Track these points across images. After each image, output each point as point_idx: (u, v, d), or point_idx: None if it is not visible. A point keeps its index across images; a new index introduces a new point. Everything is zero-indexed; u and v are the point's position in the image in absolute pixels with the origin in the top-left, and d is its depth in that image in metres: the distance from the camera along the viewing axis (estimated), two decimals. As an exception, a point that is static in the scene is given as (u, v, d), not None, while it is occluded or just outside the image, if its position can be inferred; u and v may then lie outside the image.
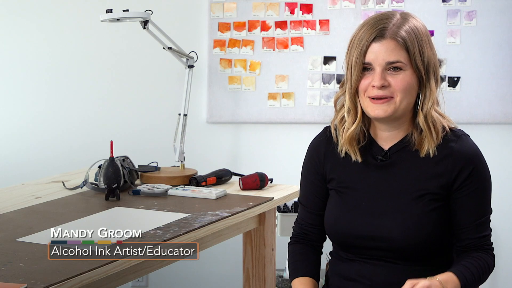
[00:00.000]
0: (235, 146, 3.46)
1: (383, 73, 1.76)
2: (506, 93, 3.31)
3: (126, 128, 3.43)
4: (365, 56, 1.76)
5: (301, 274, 1.90)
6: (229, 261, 3.44)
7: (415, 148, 1.81)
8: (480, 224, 1.80)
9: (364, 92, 1.79)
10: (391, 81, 1.76)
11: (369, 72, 1.78)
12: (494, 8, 3.28)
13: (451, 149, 1.79)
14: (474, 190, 1.78)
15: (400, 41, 1.75)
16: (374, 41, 1.76)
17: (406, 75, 1.76)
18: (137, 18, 2.71)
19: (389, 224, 1.79)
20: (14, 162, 3.46)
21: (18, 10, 3.42)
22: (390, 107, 1.77)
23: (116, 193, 2.46)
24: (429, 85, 1.79)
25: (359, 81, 1.78)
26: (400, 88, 1.76)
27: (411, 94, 1.78)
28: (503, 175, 3.37)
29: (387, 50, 1.75)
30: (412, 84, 1.77)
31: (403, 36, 1.75)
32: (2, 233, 2.04)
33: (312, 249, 1.94)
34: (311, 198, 1.93)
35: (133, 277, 1.99)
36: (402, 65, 1.76)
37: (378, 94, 1.76)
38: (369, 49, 1.76)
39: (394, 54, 1.75)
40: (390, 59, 1.75)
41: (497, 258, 1.86)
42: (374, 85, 1.76)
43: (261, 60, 3.38)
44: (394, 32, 1.75)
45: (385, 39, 1.75)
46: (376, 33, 1.76)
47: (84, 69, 3.43)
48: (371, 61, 1.76)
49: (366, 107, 1.80)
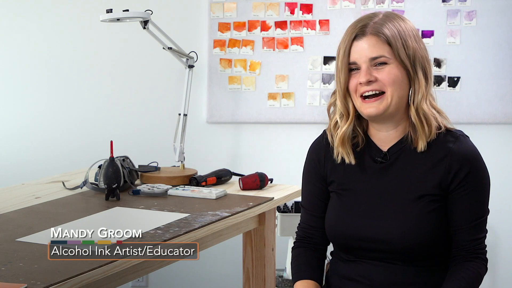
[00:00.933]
0: (235, 146, 3.46)
1: (368, 69, 1.77)
2: (506, 93, 3.31)
3: (126, 128, 3.43)
4: (350, 56, 1.78)
5: (304, 277, 1.89)
6: (229, 261, 3.44)
7: (413, 147, 1.81)
8: (476, 226, 1.80)
9: (355, 92, 1.79)
10: (378, 75, 1.77)
11: (356, 72, 1.79)
12: (494, 8, 3.28)
13: (449, 150, 1.79)
14: (471, 191, 1.78)
15: (382, 36, 1.76)
16: (355, 40, 1.78)
17: (391, 68, 1.77)
18: (137, 18, 2.71)
19: (388, 226, 1.79)
20: (14, 162, 3.46)
21: (18, 10, 3.42)
22: (382, 104, 1.77)
23: (116, 193, 2.46)
24: (417, 78, 1.79)
25: (348, 81, 1.79)
26: (387, 81, 1.76)
27: (401, 88, 1.78)
28: (503, 175, 3.37)
29: (369, 46, 1.76)
30: (400, 77, 1.77)
31: (384, 31, 1.76)
32: (2, 233, 2.03)
33: (316, 253, 1.94)
34: (313, 201, 1.93)
35: (133, 277, 1.99)
36: (386, 59, 1.76)
37: (367, 89, 1.77)
38: (352, 48, 1.78)
39: (377, 49, 1.76)
40: (372, 55, 1.76)
41: (497, 258, 1.87)
42: (361, 82, 1.77)
43: (261, 60, 3.38)
44: (374, 28, 1.77)
45: (365, 36, 1.77)
46: (356, 31, 1.78)
47: (84, 69, 3.43)
48: (356, 60, 1.78)
49: (359, 107, 1.80)
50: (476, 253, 1.80)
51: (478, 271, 1.79)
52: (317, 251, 1.94)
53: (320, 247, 1.95)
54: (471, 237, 1.80)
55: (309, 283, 1.88)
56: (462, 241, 1.80)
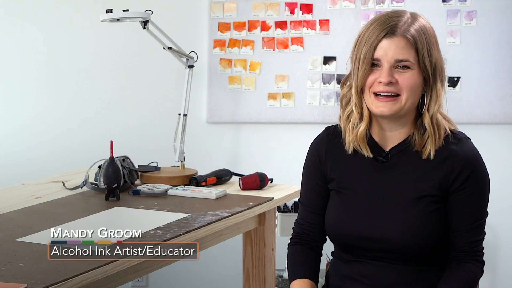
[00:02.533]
0: (235, 146, 3.46)
1: (390, 70, 1.76)
2: (506, 93, 3.31)
3: (126, 128, 3.44)
4: (374, 52, 1.76)
5: (300, 276, 1.89)
6: (229, 261, 3.44)
7: (415, 149, 1.81)
8: (474, 228, 1.80)
9: (369, 88, 1.78)
10: (398, 78, 1.76)
11: (376, 68, 1.77)
12: (494, 8, 3.28)
13: (451, 152, 1.79)
14: (471, 193, 1.78)
15: (411, 40, 1.75)
16: (384, 38, 1.76)
17: (413, 74, 1.76)
18: (137, 18, 2.71)
19: (388, 225, 1.79)
20: (14, 162, 3.46)
21: (18, 10, 3.42)
22: (396, 105, 1.77)
23: (116, 193, 2.46)
24: (435, 87, 1.79)
25: (367, 76, 1.78)
26: (407, 86, 1.76)
27: (416, 94, 1.78)
28: (503, 175, 3.37)
29: (397, 47, 1.75)
30: (418, 84, 1.77)
31: (414, 34, 1.75)
32: (2, 233, 2.03)
33: (312, 251, 1.94)
34: (312, 197, 1.93)
35: (133, 277, 1.99)
36: (410, 64, 1.76)
37: (385, 90, 1.76)
38: (379, 45, 1.76)
39: (404, 52, 1.75)
40: (399, 57, 1.75)
41: (497, 258, 1.87)
42: (381, 81, 1.76)
43: (261, 60, 3.38)
44: (405, 30, 1.75)
45: (395, 36, 1.75)
46: (387, 30, 1.76)
47: (84, 69, 3.44)
48: (380, 57, 1.76)
49: (371, 103, 1.79)
50: (473, 256, 1.80)
51: (474, 274, 1.79)
52: (313, 249, 1.94)
53: (316, 245, 1.95)
54: (469, 239, 1.80)
55: (305, 282, 1.88)
56: (460, 242, 1.80)
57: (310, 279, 1.89)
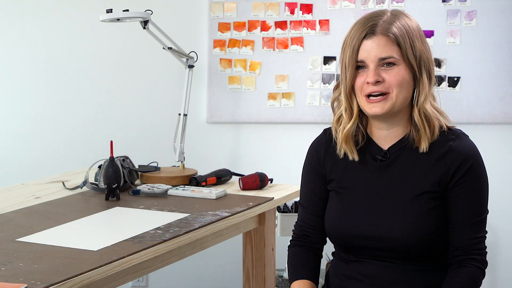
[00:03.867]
0: (235, 146, 3.46)
1: (376, 69, 1.77)
2: (506, 93, 3.31)
3: (126, 128, 3.44)
4: (358, 54, 1.77)
5: (301, 277, 1.89)
6: (229, 261, 3.44)
7: (415, 146, 1.81)
8: (474, 224, 1.79)
9: (360, 91, 1.79)
10: (385, 76, 1.76)
11: (363, 70, 1.79)
12: (494, 8, 3.27)
13: (450, 147, 1.79)
14: (470, 188, 1.78)
15: (391, 37, 1.76)
16: (365, 38, 1.77)
17: (399, 69, 1.77)
18: (137, 18, 2.71)
19: (389, 224, 1.79)
20: (14, 162, 3.46)
21: (18, 10, 3.42)
22: (387, 104, 1.78)
23: (116, 193, 2.46)
24: (421, 79, 1.79)
25: (354, 79, 1.79)
26: (395, 82, 1.76)
27: (406, 89, 1.79)
28: (503, 175, 3.37)
29: (379, 46, 1.76)
30: (406, 78, 1.78)
31: (394, 31, 1.76)
32: (2, 233, 2.03)
33: (312, 253, 1.94)
34: (312, 199, 1.93)
35: (133, 277, 1.99)
36: (395, 60, 1.76)
37: (374, 89, 1.77)
38: (361, 46, 1.77)
39: (386, 49, 1.76)
40: (382, 55, 1.76)
41: (497, 258, 1.86)
42: (368, 81, 1.77)
43: (261, 60, 3.38)
44: (384, 28, 1.76)
45: (376, 35, 1.76)
46: (366, 30, 1.77)
47: (84, 69, 3.44)
48: (364, 59, 1.77)
49: (364, 105, 1.80)
50: (474, 254, 1.78)
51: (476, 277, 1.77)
52: (313, 250, 1.94)
53: (316, 246, 1.95)
54: (469, 235, 1.79)
55: (306, 283, 1.88)
56: (460, 238, 1.79)
57: (311, 280, 1.89)
